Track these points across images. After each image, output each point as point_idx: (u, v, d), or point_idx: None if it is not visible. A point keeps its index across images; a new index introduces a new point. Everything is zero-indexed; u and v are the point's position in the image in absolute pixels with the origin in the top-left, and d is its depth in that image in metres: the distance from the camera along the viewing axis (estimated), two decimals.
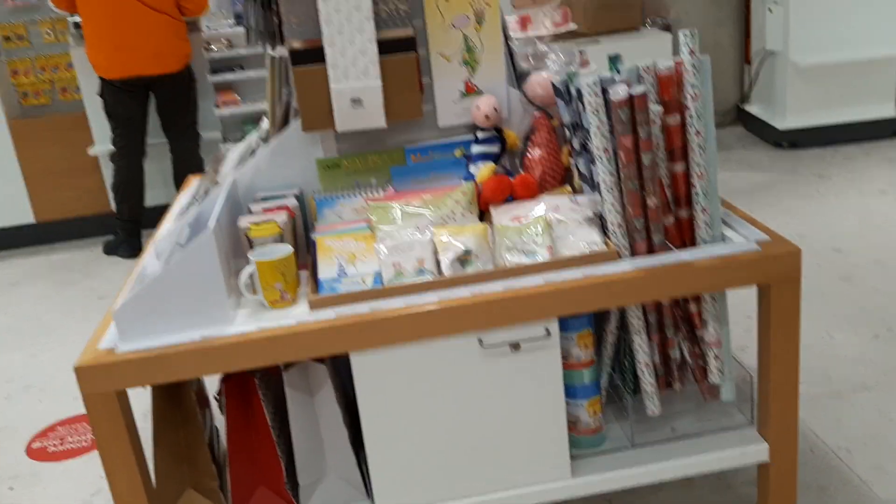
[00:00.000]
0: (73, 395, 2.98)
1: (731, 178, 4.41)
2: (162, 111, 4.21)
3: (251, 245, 1.69)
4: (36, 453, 2.64)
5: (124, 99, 4.07)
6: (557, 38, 2.23)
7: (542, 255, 1.66)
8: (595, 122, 1.61)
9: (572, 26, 2.34)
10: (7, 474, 2.54)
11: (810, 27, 4.59)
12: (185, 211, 2.06)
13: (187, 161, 4.27)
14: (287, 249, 1.62)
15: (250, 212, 1.82)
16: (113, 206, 4.36)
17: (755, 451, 1.75)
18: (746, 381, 1.83)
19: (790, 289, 1.63)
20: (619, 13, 4.76)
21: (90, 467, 2.52)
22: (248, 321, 1.56)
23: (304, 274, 1.75)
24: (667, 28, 5.11)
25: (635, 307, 1.72)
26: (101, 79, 4.03)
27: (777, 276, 1.62)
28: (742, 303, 2.12)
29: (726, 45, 5.38)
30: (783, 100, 4.76)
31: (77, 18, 4.10)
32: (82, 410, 2.82)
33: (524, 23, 2.23)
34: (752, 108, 5.19)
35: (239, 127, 4.56)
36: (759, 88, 5.13)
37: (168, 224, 2.09)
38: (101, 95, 4.10)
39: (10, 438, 2.74)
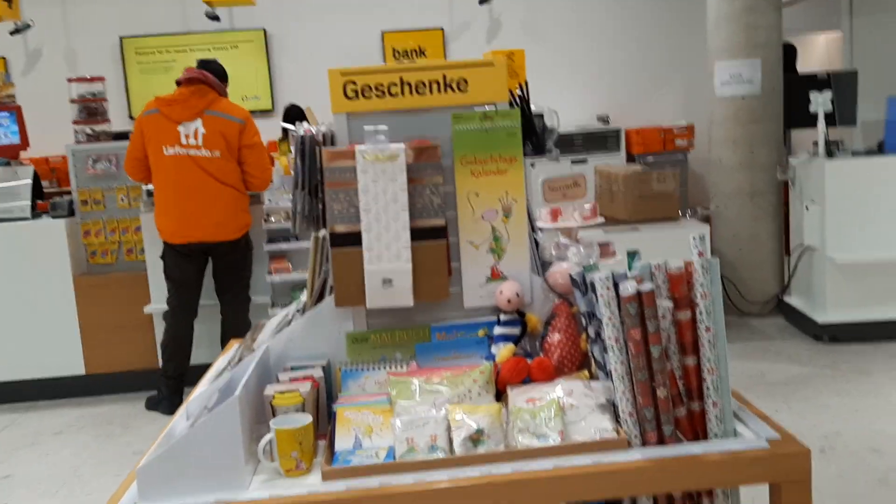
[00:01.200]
0: None
1: (769, 370, 4.39)
2: (217, 275, 4.46)
3: (274, 413, 1.77)
4: None
5: (183, 263, 4.33)
6: (597, 225, 2.36)
7: (554, 439, 1.70)
8: (607, 314, 1.70)
9: (600, 220, 2.48)
10: None
11: (847, 226, 4.71)
12: (219, 375, 2.16)
13: (236, 323, 4.45)
14: (306, 419, 1.70)
15: (278, 380, 1.91)
16: (160, 362, 4.53)
17: None
18: None
19: (800, 489, 1.62)
20: (660, 203, 4.95)
21: None
22: (262, 488, 1.62)
23: (322, 443, 1.81)
24: (706, 220, 5.28)
25: (646, 499, 1.73)
26: (165, 243, 4.31)
27: (786, 475, 1.62)
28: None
29: (765, 237, 5.50)
30: (823, 294, 4.80)
31: (150, 187, 4.46)
32: None
33: (555, 215, 2.38)
34: (793, 300, 5.23)
35: (288, 292, 4.76)
36: (798, 281, 5.19)
37: (202, 387, 2.19)
38: (163, 258, 4.37)
39: None
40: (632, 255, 1.91)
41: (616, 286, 1.69)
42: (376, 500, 1.57)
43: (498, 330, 2.02)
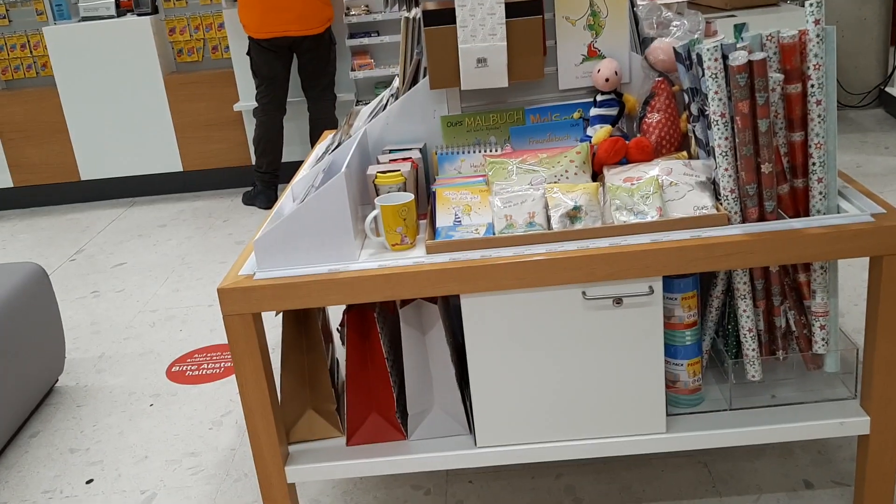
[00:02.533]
0: (210, 328, 3.26)
1: (867, 161, 4.24)
2: (303, 71, 4.45)
3: (377, 192, 1.82)
4: (175, 376, 2.92)
5: (269, 58, 4.33)
6: (692, 7, 2.24)
7: (652, 216, 1.72)
8: (713, 87, 1.64)
9: None
10: (148, 392, 2.83)
11: None
12: (319, 159, 2.22)
13: (323, 119, 4.51)
14: (409, 197, 1.75)
15: (378, 162, 1.96)
16: (253, 159, 4.66)
17: (856, 424, 1.75)
18: (852, 354, 1.82)
19: None
20: None
21: (223, 391, 2.78)
22: (371, 259, 1.71)
23: (423, 222, 1.88)
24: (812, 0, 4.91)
25: (742, 272, 1.75)
26: (250, 38, 4.30)
27: (890, 248, 1.61)
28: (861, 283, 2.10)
29: (872, 22, 5.12)
30: None
31: None
32: (218, 341, 3.11)
33: None
34: (895, 91, 4.94)
35: (371, 89, 4.75)
36: None
37: (304, 171, 2.26)
38: (249, 54, 4.37)
39: (153, 362, 3.04)
40: (739, 28, 1.82)
41: (725, 58, 1.63)
42: (477, 270, 1.64)
43: (594, 111, 1.99)
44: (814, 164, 1.67)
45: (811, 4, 1.62)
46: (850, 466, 2.06)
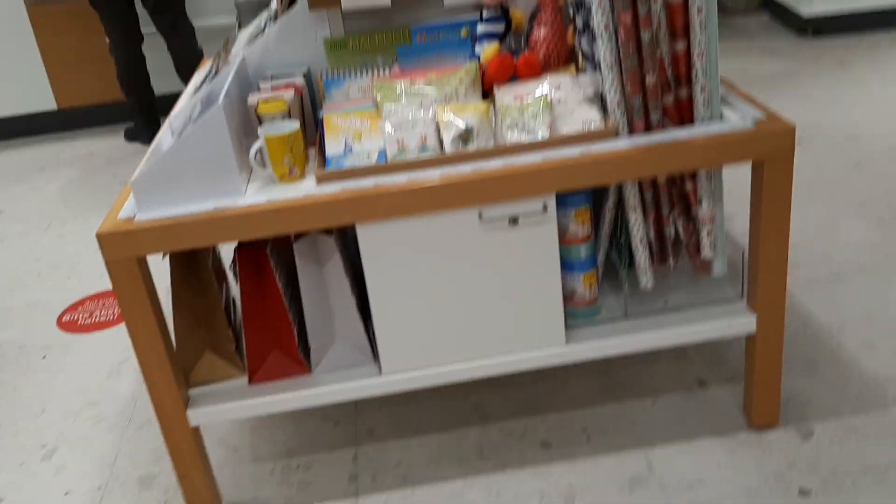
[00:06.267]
0: (99, 274, 3.12)
1: (752, 66, 4.35)
2: (146, 2, 4.09)
3: (260, 121, 1.75)
4: (67, 326, 2.80)
5: None
6: None
7: (542, 133, 1.71)
8: None
9: None
10: (40, 344, 2.71)
11: None
12: (198, 89, 2.11)
13: (183, 54, 4.19)
14: (294, 125, 1.68)
15: (259, 89, 1.87)
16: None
17: (743, 323, 1.83)
18: (738, 257, 1.89)
19: (783, 166, 1.67)
20: None
21: (119, 338, 2.68)
22: (259, 193, 1.64)
23: (312, 151, 1.82)
24: None
25: (632, 185, 1.77)
26: None
27: (771, 153, 1.66)
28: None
29: None
30: None
31: None
32: (109, 287, 2.98)
33: None
34: None
35: (255, 12, 4.53)
36: None
37: (182, 102, 2.15)
38: None
39: (43, 312, 2.90)
40: None
41: None
42: (371, 199, 1.61)
43: (481, 28, 1.94)
44: (696, 72, 1.69)
45: None
46: (741, 364, 2.17)
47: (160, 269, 2.61)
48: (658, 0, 1.63)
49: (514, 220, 1.69)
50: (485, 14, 1.93)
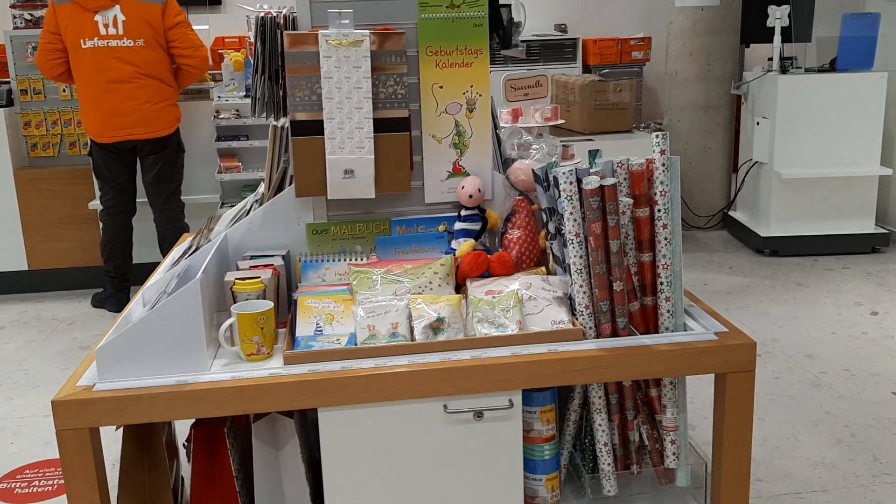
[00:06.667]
0: (45, 441, 2.99)
1: (713, 280, 4.52)
2: (146, 175, 4.23)
3: (235, 299, 1.76)
4: (2, 494, 2.64)
5: (111, 160, 4.15)
6: (553, 133, 2.36)
7: (512, 329, 1.74)
8: (568, 209, 1.71)
9: (561, 121, 2.48)
10: None
11: (795, 142, 4.80)
12: (175, 263, 2.14)
13: (170, 233, 4.27)
14: (268, 305, 1.70)
15: (238, 268, 1.90)
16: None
17: None
18: (701, 468, 1.88)
19: (745, 379, 1.70)
20: (615, 115, 4.95)
21: None
22: (223, 370, 1.63)
23: (283, 332, 1.82)
24: (659, 132, 5.31)
25: (598, 387, 1.79)
26: (92, 141, 4.14)
27: (732, 366, 1.70)
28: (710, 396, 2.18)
29: (716, 152, 5.58)
30: (767, 209, 4.93)
31: None
32: (52, 455, 2.85)
33: (516, 115, 2.37)
34: (738, 215, 5.36)
35: (238, 192, 4.69)
36: (744, 196, 5.31)
37: (158, 275, 2.17)
38: (90, 156, 4.20)
39: None
40: (593, 154, 1.92)
41: (579, 181, 1.71)
42: (336, 382, 1.60)
43: (459, 225, 2.03)
44: (661, 283, 1.76)
45: (657, 136, 1.74)
46: None
47: (110, 438, 2.51)
48: (626, 213, 1.73)
49: (479, 414, 1.67)
50: (463, 212, 2.02)
